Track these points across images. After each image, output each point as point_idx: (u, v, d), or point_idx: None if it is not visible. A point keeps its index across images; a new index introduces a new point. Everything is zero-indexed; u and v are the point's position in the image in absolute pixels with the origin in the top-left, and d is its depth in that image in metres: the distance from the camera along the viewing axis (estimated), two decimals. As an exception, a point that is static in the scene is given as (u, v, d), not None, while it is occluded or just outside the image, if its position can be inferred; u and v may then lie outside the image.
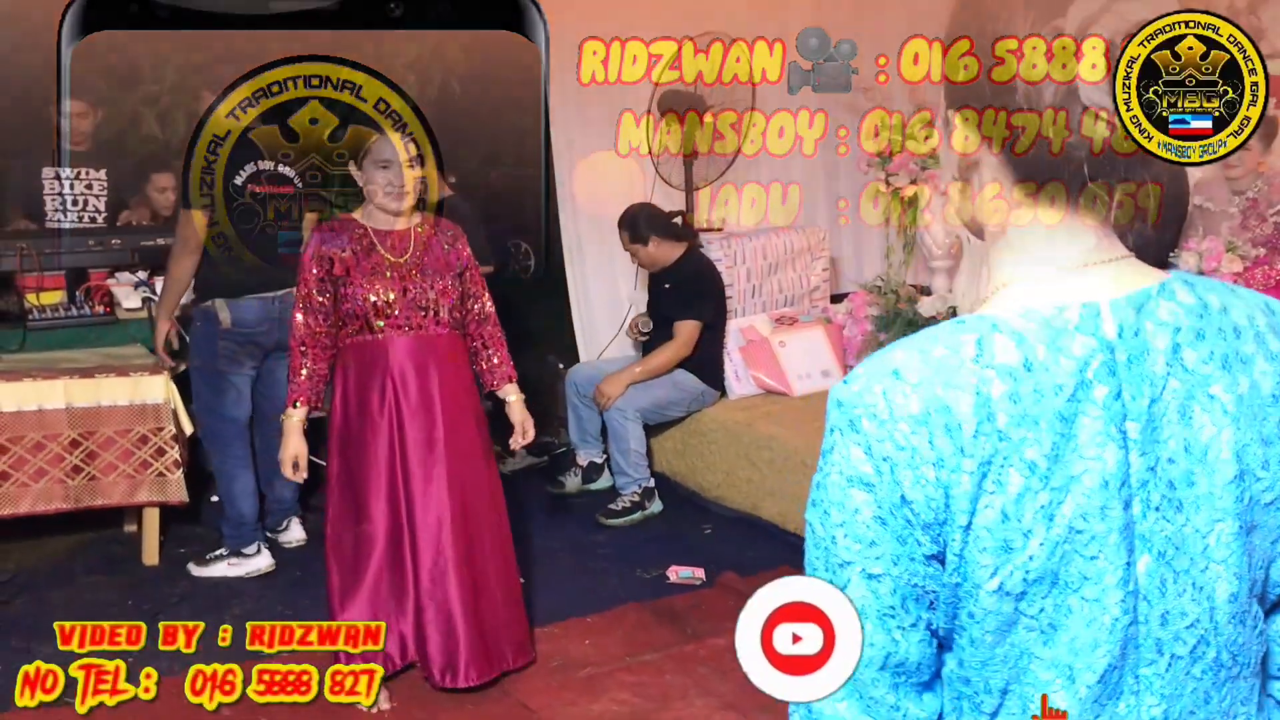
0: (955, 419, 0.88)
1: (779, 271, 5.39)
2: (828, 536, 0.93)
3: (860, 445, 0.90)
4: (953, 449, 0.88)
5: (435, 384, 3.17)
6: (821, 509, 0.93)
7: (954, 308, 5.08)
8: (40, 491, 3.98)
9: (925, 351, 0.91)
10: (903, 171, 5.54)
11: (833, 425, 0.93)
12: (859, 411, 0.91)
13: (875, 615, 0.91)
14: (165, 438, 4.08)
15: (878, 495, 0.90)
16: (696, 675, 3.37)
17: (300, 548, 4.40)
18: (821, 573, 0.94)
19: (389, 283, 3.11)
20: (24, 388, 3.95)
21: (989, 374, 0.89)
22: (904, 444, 0.89)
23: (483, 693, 3.29)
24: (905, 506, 0.89)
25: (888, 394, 0.90)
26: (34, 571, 4.15)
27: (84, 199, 4.98)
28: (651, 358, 4.76)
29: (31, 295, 4.46)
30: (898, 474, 0.89)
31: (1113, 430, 0.90)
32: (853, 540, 0.91)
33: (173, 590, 4.03)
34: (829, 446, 0.93)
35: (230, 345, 4.07)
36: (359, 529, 3.18)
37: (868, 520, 0.90)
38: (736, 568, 4.10)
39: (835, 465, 0.92)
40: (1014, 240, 0.96)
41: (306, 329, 3.13)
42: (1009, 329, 0.91)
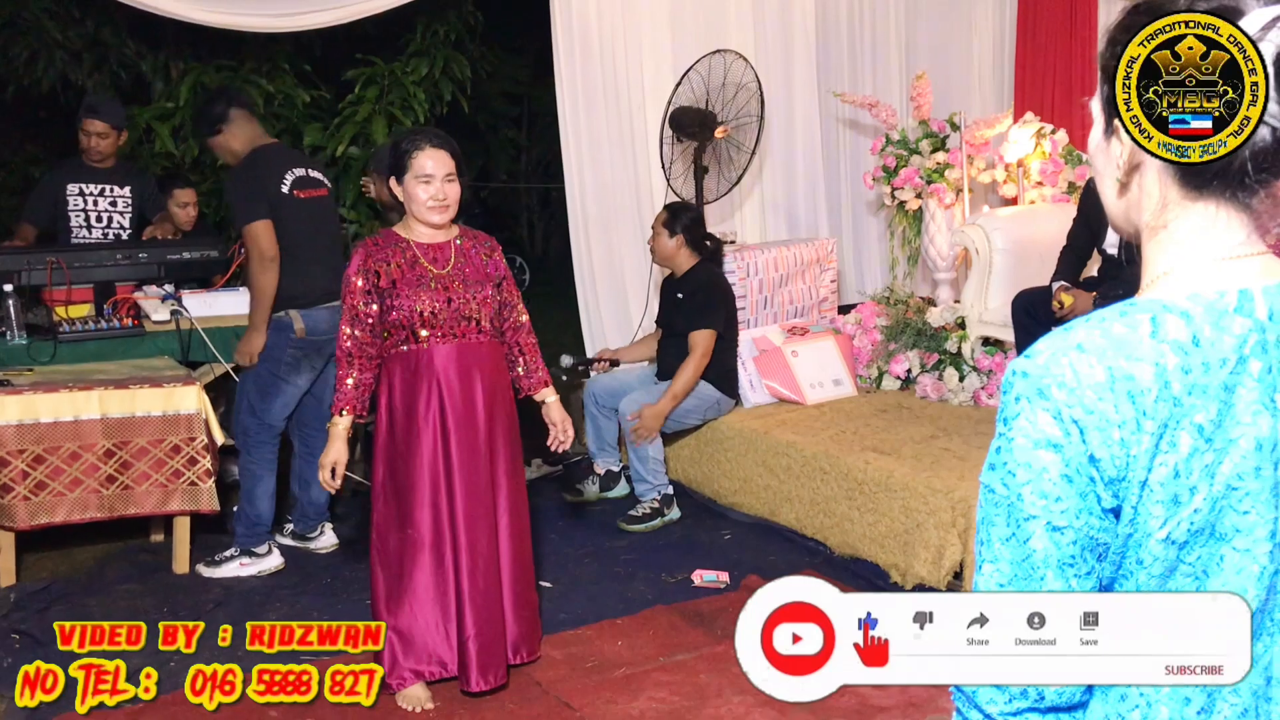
0: (1138, 386, 1.00)
1: (789, 283, 5.51)
2: (1012, 494, 1.03)
3: (1049, 411, 1.01)
4: (1135, 413, 1.00)
5: (479, 390, 3.26)
6: (1005, 470, 1.03)
7: (963, 318, 5.21)
8: (76, 501, 4.04)
9: (1105, 329, 1.03)
10: (908, 185, 5.67)
11: (1017, 394, 1.04)
12: (1047, 381, 1.02)
13: (1055, 564, 1.02)
14: (197, 447, 4.14)
15: (1065, 455, 1.01)
16: (730, 675, 3.45)
17: (330, 553, 4.47)
18: (1002, 528, 1.04)
19: (434, 294, 3.20)
20: (60, 399, 4.01)
21: (1164, 348, 1.01)
22: (1092, 408, 1.00)
23: (522, 692, 3.37)
24: (1092, 465, 1.01)
25: (1074, 365, 1.01)
26: (68, 581, 4.20)
27: (108, 215, 5.06)
28: (676, 382, 4.79)
29: (60, 308, 4.53)
30: (1086, 436, 1.00)
31: (1266, 400, 1.02)
32: (1038, 496, 1.01)
33: (207, 597, 4.09)
34: (1013, 414, 1.04)
35: (297, 353, 4.24)
36: (404, 535, 3.25)
37: (1055, 478, 1.01)
38: (759, 571, 4.19)
39: (1021, 430, 1.03)
40: (1175, 234, 1.07)
41: (354, 341, 3.21)
42: (1178, 310, 1.03)
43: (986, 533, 1.06)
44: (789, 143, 6.24)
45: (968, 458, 4.30)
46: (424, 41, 6.41)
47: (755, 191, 6.16)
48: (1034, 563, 1.02)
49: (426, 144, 3.20)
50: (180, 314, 4.53)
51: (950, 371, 5.15)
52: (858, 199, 6.63)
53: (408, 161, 3.19)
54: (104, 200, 5.08)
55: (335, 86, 6.46)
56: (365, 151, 6.16)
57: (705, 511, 4.95)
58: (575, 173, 5.80)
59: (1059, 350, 1.03)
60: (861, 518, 4.27)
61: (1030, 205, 5.57)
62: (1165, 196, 1.07)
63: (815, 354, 5.24)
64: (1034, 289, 4.76)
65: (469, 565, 3.24)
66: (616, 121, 5.80)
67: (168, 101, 6.12)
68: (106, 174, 5.08)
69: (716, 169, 5.40)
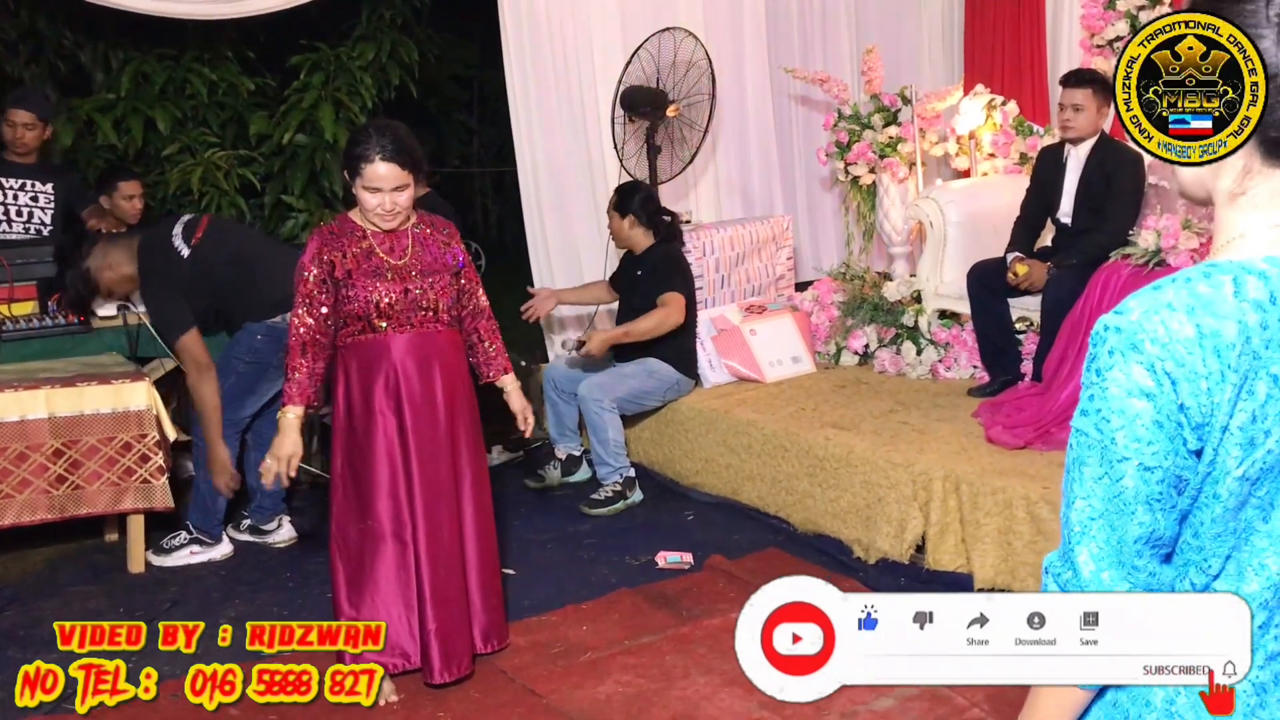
0: (1224, 342, 1.09)
1: (746, 261, 5.49)
2: (1106, 438, 1.13)
3: (1142, 363, 1.10)
4: (1220, 366, 1.09)
5: (438, 380, 3.21)
6: (1099, 416, 1.13)
7: (919, 291, 5.22)
8: (25, 502, 3.96)
9: (1192, 289, 1.11)
10: (861, 160, 5.67)
11: (1111, 348, 1.12)
12: (1141, 336, 1.11)
13: (1144, 500, 1.12)
14: (149, 444, 4.07)
15: (1157, 404, 1.10)
16: (696, 655, 3.45)
17: (291, 548, 4.42)
18: (1095, 468, 1.13)
19: (390, 284, 3.14)
20: (5, 399, 3.92)
21: (1245, 307, 1.10)
22: (1183, 362, 1.09)
23: (488, 680, 3.34)
24: (1181, 413, 1.10)
25: (1166, 322, 1.10)
26: (20, 585, 4.12)
27: (29, 210, 4.94)
28: (639, 321, 4.76)
29: (2, 306, 4.43)
30: (1177, 387, 1.10)
31: None
32: (1131, 440, 1.11)
33: (164, 595, 4.02)
34: (1106, 366, 1.13)
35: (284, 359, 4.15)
36: (364, 526, 3.21)
37: (1147, 424, 1.11)
38: (723, 550, 4.18)
39: (1115, 380, 1.12)
40: (1255, 199, 1.15)
41: (308, 330, 3.13)
42: (1256, 271, 1.12)
43: (1079, 472, 1.15)
44: (741, 120, 6.21)
45: (927, 430, 4.31)
46: (370, 25, 6.31)
47: (709, 170, 6.13)
48: (1125, 499, 1.12)
49: (377, 156, 3.09)
50: (128, 309, 4.44)
51: (908, 345, 5.15)
52: (811, 175, 6.62)
53: (359, 167, 3.10)
54: (24, 195, 4.95)
55: (280, 74, 6.35)
56: (312, 139, 6.07)
57: (667, 493, 4.93)
58: (527, 155, 5.75)
59: (1150, 308, 1.11)
60: (823, 494, 4.26)
61: (983, 177, 5.59)
62: (1249, 165, 1.14)
63: (773, 332, 5.24)
64: (989, 260, 4.77)
65: (429, 556, 3.20)
66: (567, 102, 5.75)
67: (109, 93, 5.99)
68: (28, 169, 4.97)
69: (670, 148, 5.37)
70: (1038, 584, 3.98)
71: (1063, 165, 4.72)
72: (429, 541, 3.20)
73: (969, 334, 4.97)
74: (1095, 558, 1.13)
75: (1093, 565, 1.13)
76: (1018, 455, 4.01)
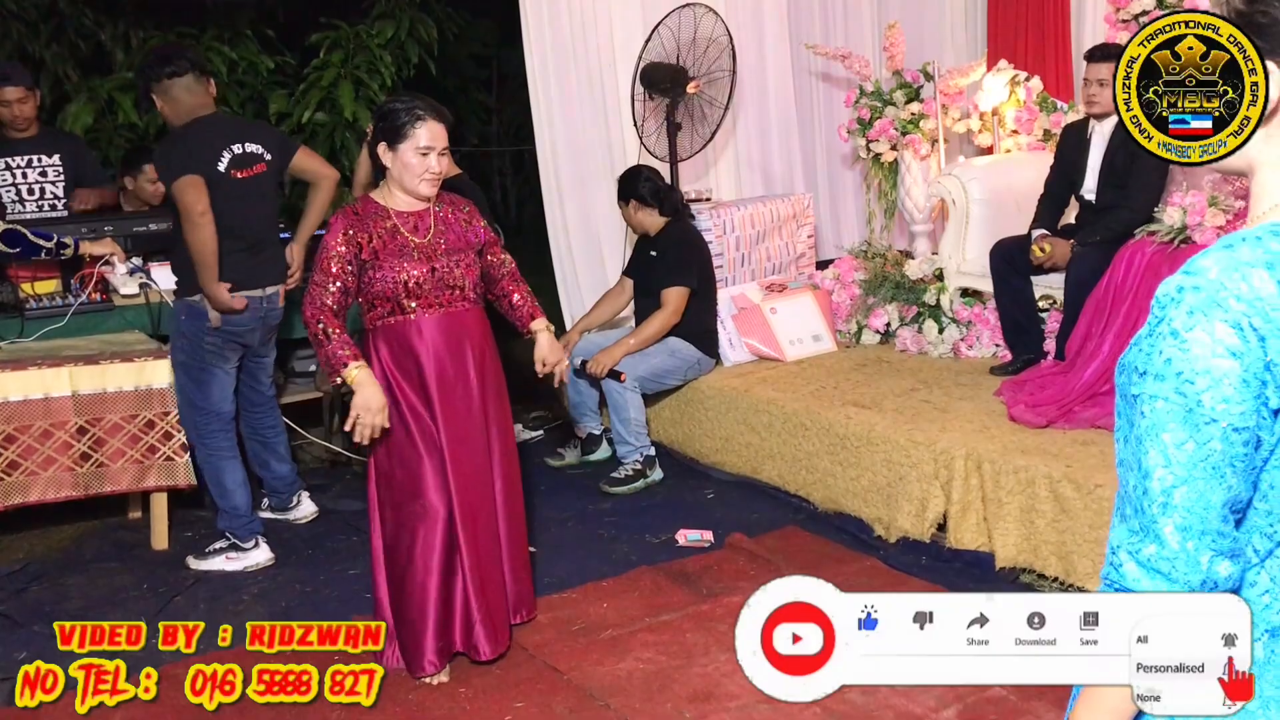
0: None
1: (766, 239, 5.47)
2: (1192, 400, 1.08)
3: (1227, 321, 1.08)
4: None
5: (469, 359, 3.20)
6: (1182, 379, 1.09)
7: (941, 269, 5.18)
8: (49, 480, 3.98)
9: (1265, 246, 1.11)
10: (883, 138, 5.63)
11: (1191, 308, 1.09)
12: (1224, 294, 1.08)
13: (1228, 461, 1.09)
14: (171, 422, 4.09)
15: (1245, 361, 1.08)
16: (717, 633, 3.45)
17: (311, 524, 4.43)
18: (1178, 433, 1.09)
19: (416, 263, 3.12)
20: (29, 376, 3.94)
21: None
22: (1270, 317, 1.08)
23: (510, 657, 3.35)
24: (1267, 370, 1.08)
25: (1247, 279, 1.09)
26: (45, 560, 4.16)
27: (40, 186, 4.94)
28: (643, 328, 4.82)
29: (26, 285, 4.45)
30: (1266, 344, 1.08)
31: None
32: (1218, 400, 1.08)
33: (188, 573, 4.05)
34: (1186, 326, 1.09)
35: (216, 342, 4.03)
36: (404, 511, 3.18)
37: (1234, 383, 1.08)
38: (743, 529, 4.18)
39: (1197, 341, 1.08)
40: None
41: (333, 298, 3.06)
42: None
43: (1155, 440, 1.10)
44: (762, 97, 6.17)
45: (948, 409, 4.29)
46: (389, 3, 6.31)
47: (730, 148, 6.10)
48: (1214, 463, 1.08)
49: (429, 115, 3.08)
50: (149, 287, 4.46)
51: (929, 324, 5.13)
52: (833, 153, 6.58)
53: (408, 131, 3.08)
54: (33, 171, 4.94)
55: (300, 52, 6.35)
56: (332, 117, 6.08)
57: (687, 471, 4.93)
58: (547, 134, 5.73)
59: (1228, 266, 1.10)
60: (844, 472, 4.25)
61: (1006, 154, 5.54)
62: None
63: (794, 310, 5.22)
64: (1012, 238, 4.73)
65: (469, 535, 3.19)
66: (587, 80, 5.72)
67: (129, 72, 6.00)
68: (31, 144, 4.93)
69: (690, 125, 5.35)
70: (1060, 562, 3.94)
71: (1087, 141, 4.67)
72: (467, 524, 3.18)
73: (991, 312, 4.94)
74: (1181, 528, 1.09)
75: (1179, 536, 1.09)
76: (1040, 434, 3.99)
